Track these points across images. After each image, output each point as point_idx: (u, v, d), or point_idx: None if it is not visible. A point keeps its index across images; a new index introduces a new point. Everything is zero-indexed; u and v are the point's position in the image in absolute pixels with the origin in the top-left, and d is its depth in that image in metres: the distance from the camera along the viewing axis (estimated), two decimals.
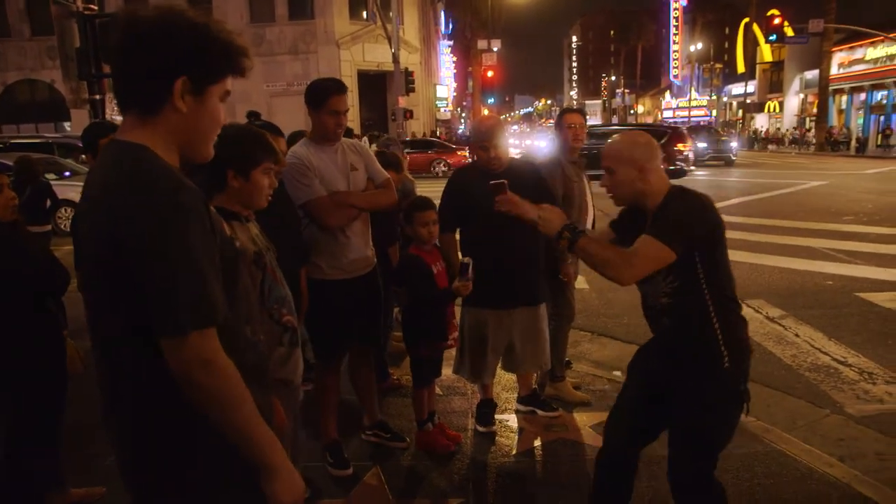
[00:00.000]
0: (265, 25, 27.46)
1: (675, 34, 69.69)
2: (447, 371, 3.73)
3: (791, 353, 4.87)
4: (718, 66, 59.81)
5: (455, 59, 53.92)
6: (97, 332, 1.35)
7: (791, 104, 44.95)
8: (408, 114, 23.23)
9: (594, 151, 4.26)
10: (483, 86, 46.74)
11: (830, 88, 36.20)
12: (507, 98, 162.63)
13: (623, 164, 2.24)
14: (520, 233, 3.24)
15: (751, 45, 48.21)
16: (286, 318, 2.26)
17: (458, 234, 3.52)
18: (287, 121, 6.17)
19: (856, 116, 37.91)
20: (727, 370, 2.19)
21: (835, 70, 35.98)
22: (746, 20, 48.57)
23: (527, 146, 34.32)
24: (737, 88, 54.02)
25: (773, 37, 30.27)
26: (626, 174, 2.23)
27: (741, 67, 52.02)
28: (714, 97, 58.63)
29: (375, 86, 28.61)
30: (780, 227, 10.10)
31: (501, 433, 3.63)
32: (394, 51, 21.55)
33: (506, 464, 3.32)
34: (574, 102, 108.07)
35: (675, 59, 70.29)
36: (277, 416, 1.69)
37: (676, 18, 69.88)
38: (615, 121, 77.49)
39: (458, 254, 3.42)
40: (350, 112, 3.15)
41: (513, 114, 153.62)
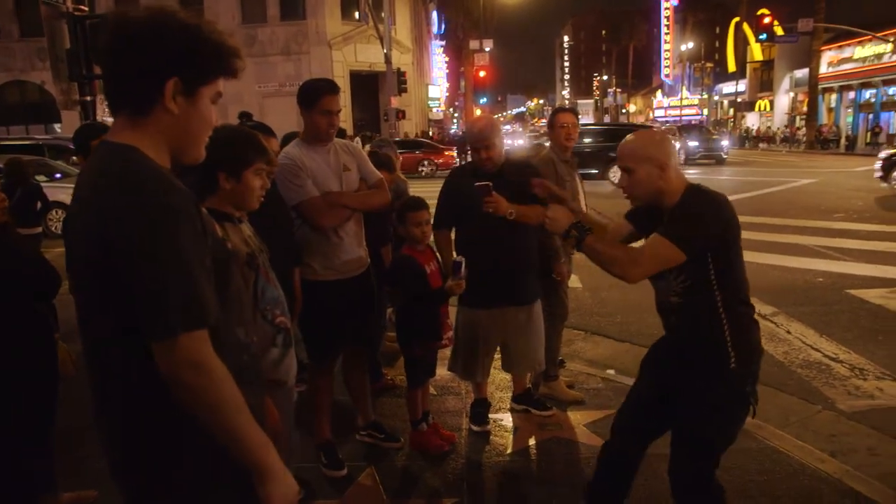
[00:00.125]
0: (257, 26, 27.38)
1: (667, 34, 69.96)
2: (441, 371, 3.73)
3: (783, 350, 4.90)
4: (709, 66, 60.07)
5: (447, 60, 53.86)
6: (88, 334, 1.35)
7: (781, 103, 45.20)
8: (400, 114, 23.24)
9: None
10: (475, 86, 46.73)
11: (820, 87, 36.42)
12: (500, 98, 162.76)
13: (642, 163, 2.19)
14: (512, 232, 3.28)
15: (741, 45, 48.36)
16: (279, 320, 2.25)
17: (454, 233, 3.52)
18: (279, 121, 6.15)
19: (845, 115, 38.15)
20: (734, 371, 2.18)
21: (824, 69, 36.20)
22: (737, 19, 48.70)
23: (518, 146, 34.37)
24: (728, 87, 54.29)
25: (764, 36, 30.50)
26: (647, 172, 2.18)
27: (732, 66, 52.21)
28: (705, 96, 58.91)
29: (367, 86, 28.57)
30: (772, 225, 10.15)
31: (495, 432, 3.63)
32: (386, 51, 21.54)
33: (500, 463, 3.32)
34: (566, 102, 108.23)
35: (667, 59, 70.55)
36: (271, 418, 1.69)
37: (667, 18, 70.15)
38: (607, 120, 77.72)
39: (453, 252, 3.42)
40: (342, 112, 3.15)
41: (505, 114, 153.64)
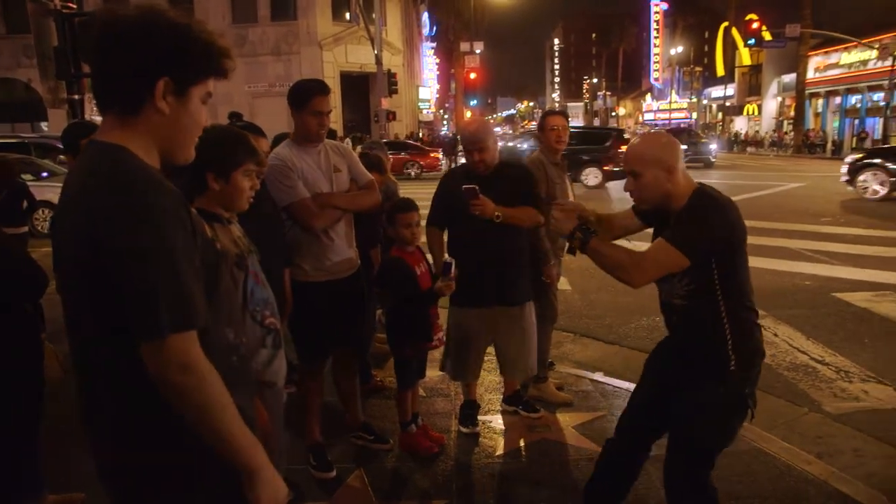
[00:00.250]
0: (247, 26, 27.27)
1: (656, 37, 70.41)
2: (430, 372, 3.73)
3: (770, 353, 4.92)
4: (698, 70, 60.50)
5: (438, 61, 53.89)
6: (76, 334, 1.34)
7: (769, 107, 45.56)
8: (390, 115, 23.23)
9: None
10: (466, 88, 46.82)
11: (807, 92, 36.77)
12: (490, 100, 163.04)
13: (650, 166, 2.17)
14: (501, 234, 3.29)
15: (730, 49, 48.74)
16: (269, 321, 2.24)
17: (446, 234, 3.54)
18: (269, 122, 6.12)
19: (832, 119, 38.51)
20: (733, 373, 2.19)
21: (811, 74, 36.54)
22: (725, 24, 49.07)
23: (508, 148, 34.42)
24: (716, 91, 54.69)
25: (752, 41, 30.86)
26: (654, 176, 2.17)
27: (720, 71, 52.58)
28: (694, 100, 59.32)
29: (358, 87, 28.53)
30: (759, 228, 10.21)
31: (485, 434, 3.63)
32: (376, 52, 21.51)
33: (489, 465, 3.32)
34: (556, 105, 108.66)
35: (656, 62, 71.00)
36: (261, 419, 1.68)
37: (657, 22, 70.62)
38: (597, 123, 78.03)
39: (445, 251, 3.44)
40: (333, 114, 3.14)
41: (495, 116, 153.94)
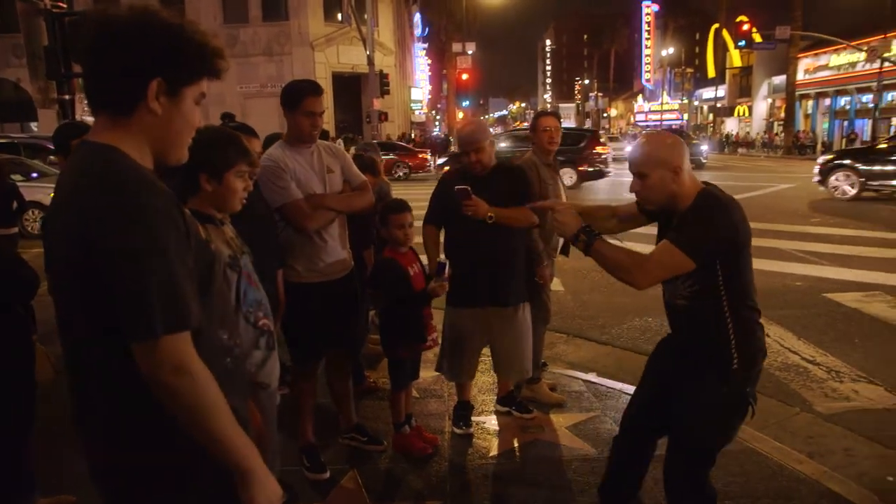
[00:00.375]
0: (239, 26, 27.20)
1: (648, 39, 70.74)
2: (424, 373, 3.73)
3: None
4: (689, 71, 60.79)
5: (430, 62, 53.95)
6: (68, 335, 1.33)
7: (760, 108, 45.86)
8: (382, 116, 23.22)
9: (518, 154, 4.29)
10: (458, 88, 46.84)
11: (797, 93, 37.04)
12: (482, 101, 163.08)
13: (656, 167, 2.18)
14: (494, 235, 3.30)
15: (721, 51, 49.03)
16: (262, 322, 2.24)
17: (443, 235, 3.56)
18: (261, 122, 6.10)
19: (821, 121, 38.81)
20: (736, 371, 2.20)
21: (801, 76, 36.80)
22: (716, 26, 49.37)
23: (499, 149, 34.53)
24: (707, 93, 55.02)
25: (742, 42, 30.94)
26: (660, 177, 2.17)
27: (711, 72, 52.91)
28: (685, 101, 59.58)
29: (350, 88, 28.50)
30: (751, 229, 10.28)
31: (478, 435, 3.64)
32: (368, 53, 21.50)
33: (483, 465, 3.33)
34: (548, 105, 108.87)
35: (648, 64, 71.34)
36: (254, 421, 1.68)
37: (648, 23, 70.95)
38: (589, 124, 78.28)
39: (440, 251, 3.46)
40: (325, 114, 3.14)
41: (487, 117, 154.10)
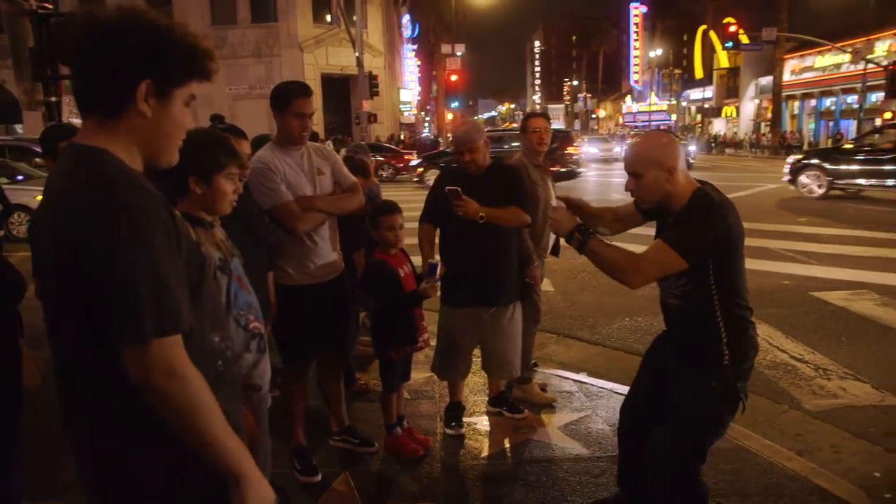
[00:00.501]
0: (227, 28, 27.10)
1: (636, 40, 71.05)
2: (415, 375, 3.73)
3: None
4: (677, 72, 61.09)
5: (419, 63, 53.96)
6: (56, 339, 1.32)
7: (747, 109, 46.18)
8: (372, 118, 23.17)
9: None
10: (447, 90, 46.84)
11: (783, 94, 37.35)
12: (471, 102, 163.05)
13: (650, 167, 2.22)
14: (485, 235, 3.31)
15: (708, 52, 49.36)
16: (253, 325, 2.23)
17: (438, 235, 3.56)
18: (250, 124, 6.08)
19: (807, 121, 39.16)
20: (727, 367, 2.24)
21: (787, 77, 37.13)
22: (704, 27, 49.68)
23: None
24: (695, 93, 55.36)
25: (730, 44, 31.18)
26: (654, 177, 2.21)
27: (699, 73, 53.24)
28: (673, 102, 59.90)
29: (339, 89, 28.45)
30: None
31: (470, 436, 3.64)
32: (357, 54, 21.49)
33: (475, 466, 3.33)
34: (537, 107, 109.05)
35: (636, 65, 71.65)
36: (246, 424, 1.67)
37: (636, 25, 71.28)
38: (577, 126, 78.54)
39: (434, 251, 3.48)
40: (314, 116, 3.14)
41: (476, 118, 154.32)
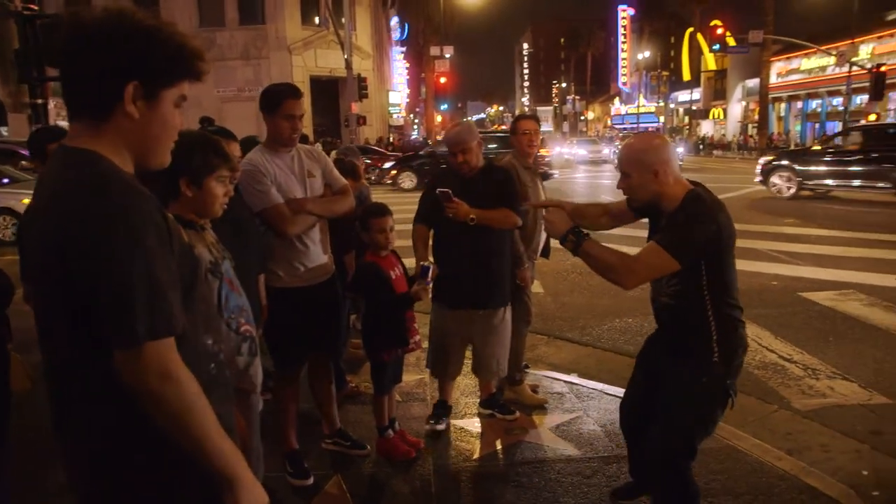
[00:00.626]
0: (215, 30, 26.93)
1: (624, 42, 71.51)
2: (406, 377, 3.73)
3: None
4: (665, 74, 61.49)
5: (408, 66, 54.00)
6: (47, 343, 1.30)
7: (734, 111, 46.55)
8: (361, 120, 23.13)
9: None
10: (436, 92, 46.94)
11: (770, 96, 37.68)
12: (460, 104, 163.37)
13: (636, 168, 2.27)
14: (476, 237, 3.31)
15: (696, 54, 49.73)
16: (244, 328, 2.22)
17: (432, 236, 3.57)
18: (238, 126, 6.04)
19: (794, 123, 39.54)
20: (716, 364, 2.28)
21: (774, 79, 37.48)
22: (691, 30, 50.08)
23: None
24: (683, 95, 55.73)
25: (717, 46, 31.41)
26: (642, 178, 2.26)
27: (687, 75, 53.65)
28: (661, 104, 60.28)
29: (328, 92, 28.38)
30: None
31: (462, 437, 3.64)
32: (346, 56, 21.44)
33: (467, 468, 3.33)
34: (526, 109, 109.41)
35: (624, 67, 72.07)
36: (238, 427, 1.66)
37: (624, 27, 71.74)
38: (566, 128, 78.82)
39: (429, 252, 3.48)
40: (303, 118, 3.13)
41: (465, 120, 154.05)
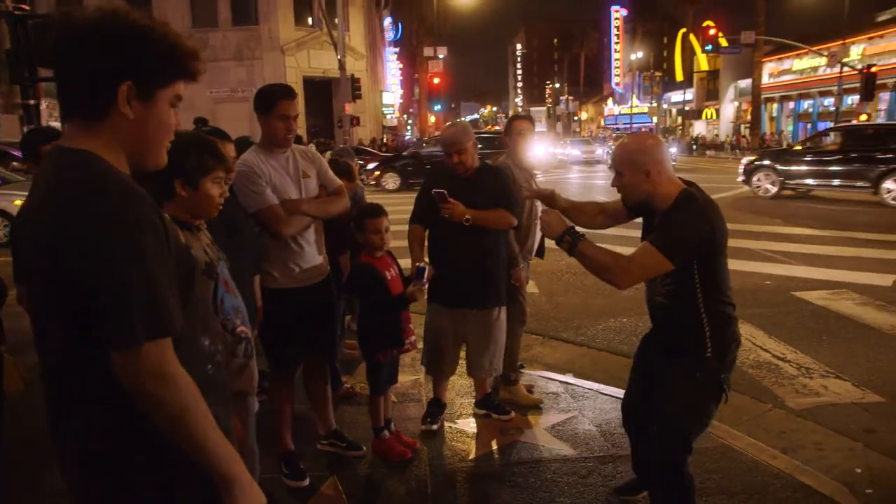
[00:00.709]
0: (208, 30, 26.81)
1: (617, 43, 71.68)
2: (403, 378, 3.72)
3: None
4: (658, 74, 61.67)
5: (401, 66, 53.91)
6: (43, 342, 1.30)
7: (727, 111, 46.76)
8: (354, 121, 23.09)
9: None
10: (429, 93, 47.03)
11: (762, 97, 37.85)
12: (454, 105, 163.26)
13: (628, 167, 2.29)
14: (471, 237, 3.32)
15: (688, 55, 49.92)
16: (240, 329, 2.21)
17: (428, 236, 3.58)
18: (231, 127, 6.00)
19: (786, 123, 39.76)
20: (709, 360, 2.30)
21: (766, 79, 37.66)
22: (683, 30, 50.29)
23: None
24: (676, 96, 55.97)
25: (709, 47, 31.46)
26: (634, 177, 2.29)
27: (680, 76, 53.86)
28: (654, 104, 60.48)
29: (321, 92, 28.32)
30: None
31: (457, 438, 3.64)
32: (340, 57, 21.40)
33: (462, 468, 3.33)
34: (519, 109, 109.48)
35: (617, 67, 72.26)
36: (234, 428, 1.66)
37: (617, 28, 71.92)
38: (559, 128, 78.95)
39: (424, 252, 3.49)
40: (297, 119, 3.12)
41: (459, 120, 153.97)
